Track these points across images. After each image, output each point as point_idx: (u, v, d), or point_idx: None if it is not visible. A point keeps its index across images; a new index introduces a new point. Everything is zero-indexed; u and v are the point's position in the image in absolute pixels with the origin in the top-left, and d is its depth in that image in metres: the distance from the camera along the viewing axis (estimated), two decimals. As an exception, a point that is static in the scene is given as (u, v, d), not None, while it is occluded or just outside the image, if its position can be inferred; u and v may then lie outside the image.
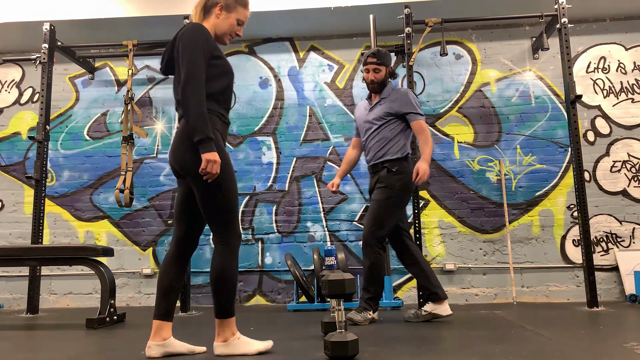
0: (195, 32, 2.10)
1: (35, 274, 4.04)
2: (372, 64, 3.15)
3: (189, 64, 2.02)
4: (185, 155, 2.04)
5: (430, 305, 3.08)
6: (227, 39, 2.31)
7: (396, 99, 3.13)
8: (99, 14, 4.51)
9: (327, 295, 2.03)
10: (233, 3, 2.22)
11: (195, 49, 2.04)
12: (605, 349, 2.12)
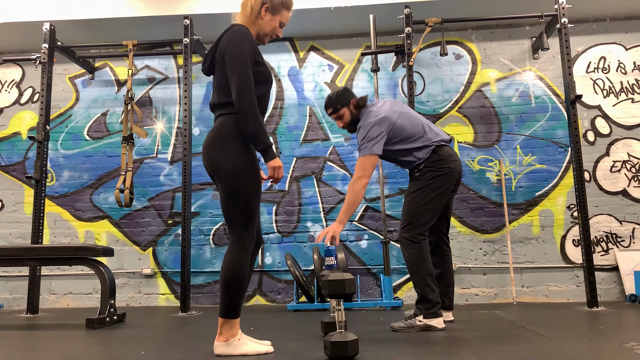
0: (244, 40, 2.13)
1: (35, 274, 4.04)
2: (331, 115, 3.03)
3: (240, 75, 2.05)
4: (216, 154, 2.08)
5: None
6: (267, 40, 2.34)
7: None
8: (99, 14, 4.51)
9: (327, 295, 2.03)
10: (278, 5, 2.27)
11: (245, 58, 2.08)
12: (605, 349, 2.12)
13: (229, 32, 2.17)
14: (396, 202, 4.56)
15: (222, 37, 2.18)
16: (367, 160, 2.81)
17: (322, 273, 2.25)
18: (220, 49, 2.15)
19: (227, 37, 2.15)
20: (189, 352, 2.22)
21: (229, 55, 2.09)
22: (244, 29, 2.17)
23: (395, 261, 4.44)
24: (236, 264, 2.05)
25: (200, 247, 4.62)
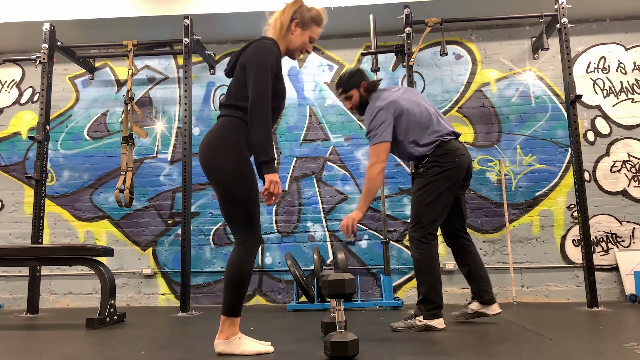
0: (268, 53, 2.12)
1: (35, 274, 4.04)
2: (341, 95, 3.03)
3: (258, 85, 2.05)
4: (212, 155, 2.10)
5: (477, 305, 2.98)
6: (297, 55, 2.33)
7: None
8: (99, 14, 4.51)
9: (327, 295, 2.03)
10: (309, 21, 2.27)
11: (267, 70, 2.07)
12: (605, 349, 2.12)
13: (256, 43, 2.17)
14: (396, 202, 4.56)
15: (249, 46, 2.19)
16: (379, 147, 2.77)
17: (322, 273, 2.25)
18: (243, 58, 2.16)
19: (253, 47, 2.15)
20: (189, 352, 2.22)
21: (251, 64, 2.09)
22: (270, 43, 2.17)
23: (395, 261, 4.44)
24: (241, 264, 2.06)
25: (200, 247, 4.62)
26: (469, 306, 3.01)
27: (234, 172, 2.07)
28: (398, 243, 4.48)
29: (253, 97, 2.04)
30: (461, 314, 3.01)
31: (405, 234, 4.48)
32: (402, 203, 4.55)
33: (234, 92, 2.16)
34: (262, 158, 2.02)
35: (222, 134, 2.12)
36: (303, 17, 2.24)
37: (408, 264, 4.42)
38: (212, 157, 2.11)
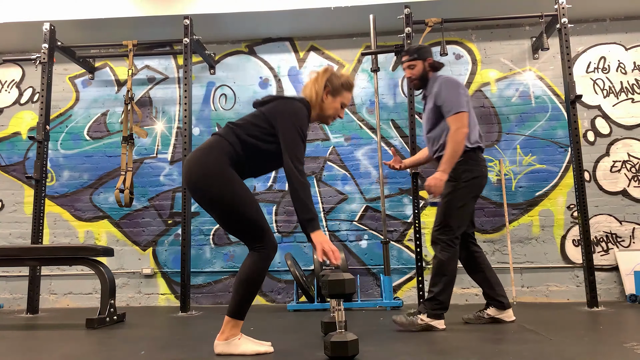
0: (301, 117, 2.16)
1: (35, 274, 4.04)
2: (405, 61, 3.02)
3: (295, 146, 2.10)
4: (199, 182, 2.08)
5: (493, 311, 2.98)
6: (330, 121, 2.39)
7: (433, 93, 2.91)
8: (99, 14, 4.51)
9: (327, 295, 2.03)
10: (339, 88, 2.32)
11: (302, 131, 2.14)
12: (605, 349, 2.12)
13: (291, 101, 2.21)
14: (396, 202, 4.56)
15: (287, 98, 2.23)
16: (462, 115, 2.79)
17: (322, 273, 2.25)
18: (274, 109, 2.18)
19: (287, 106, 2.18)
20: (189, 352, 2.22)
21: (282, 118, 2.13)
22: (303, 107, 2.21)
23: (395, 261, 4.44)
24: (255, 269, 2.07)
25: (200, 247, 4.62)
26: (485, 311, 2.99)
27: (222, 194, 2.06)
28: (398, 243, 4.48)
29: (290, 157, 2.08)
30: (476, 318, 2.99)
31: (405, 234, 4.48)
32: (402, 203, 4.55)
33: (241, 122, 2.19)
34: (304, 216, 2.05)
35: (208, 153, 2.12)
36: (333, 84, 2.31)
37: (408, 264, 4.42)
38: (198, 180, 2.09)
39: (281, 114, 2.15)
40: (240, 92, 4.88)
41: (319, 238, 2.00)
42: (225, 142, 2.13)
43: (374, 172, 4.61)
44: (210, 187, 2.07)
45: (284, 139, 2.11)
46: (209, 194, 2.08)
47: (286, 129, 2.12)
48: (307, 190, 2.06)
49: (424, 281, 3.74)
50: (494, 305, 2.98)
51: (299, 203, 2.06)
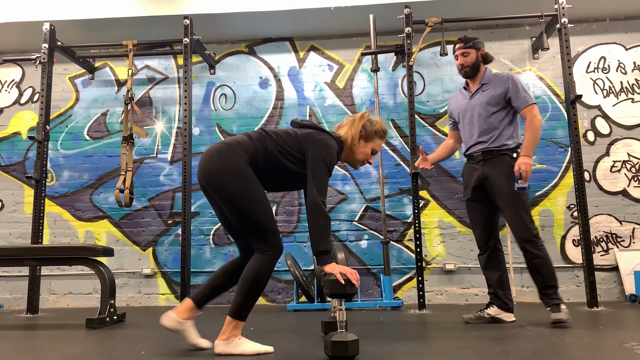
0: (332, 150, 2.19)
1: (35, 274, 4.04)
2: (460, 48, 3.10)
3: (321, 181, 2.11)
4: (215, 171, 2.12)
5: (495, 310, 3.01)
6: (359, 165, 2.43)
7: (500, 84, 3.00)
8: (99, 14, 4.51)
9: (328, 295, 2.03)
10: (372, 134, 2.36)
11: (329, 167, 2.16)
12: (605, 349, 2.12)
13: (331, 137, 2.25)
14: (396, 202, 4.56)
15: (325, 132, 2.26)
16: (535, 105, 2.96)
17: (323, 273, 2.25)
18: (310, 137, 2.20)
19: (322, 140, 2.20)
20: (189, 352, 2.22)
21: (320, 158, 2.14)
22: (335, 145, 2.24)
23: (395, 261, 4.44)
24: (260, 271, 2.07)
25: (200, 247, 4.62)
26: (485, 310, 3.01)
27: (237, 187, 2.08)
28: (398, 243, 4.48)
29: (316, 189, 2.09)
30: (476, 318, 3.00)
31: (405, 234, 4.48)
32: (402, 203, 4.55)
33: (273, 134, 2.21)
34: (322, 247, 2.04)
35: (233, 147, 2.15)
36: (367, 130, 2.34)
37: (408, 264, 4.42)
38: (215, 175, 2.13)
39: (315, 144, 2.17)
40: (240, 92, 4.88)
41: (335, 269, 2.00)
42: (251, 144, 2.15)
43: (374, 172, 4.61)
44: (225, 180, 2.09)
45: (312, 169, 2.13)
46: (223, 185, 2.09)
47: (316, 160, 2.14)
48: (328, 224, 2.07)
49: (424, 281, 3.74)
50: (497, 305, 3.00)
51: (318, 236, 2.04)
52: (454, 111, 3.25)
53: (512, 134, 3.00)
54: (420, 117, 4.65)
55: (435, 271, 4.43)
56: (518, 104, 2.96)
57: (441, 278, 4.42)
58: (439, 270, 4.42)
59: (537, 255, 2.88)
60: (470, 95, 3.12)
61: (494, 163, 2.95)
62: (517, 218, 2.87)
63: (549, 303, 2.88)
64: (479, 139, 3.01)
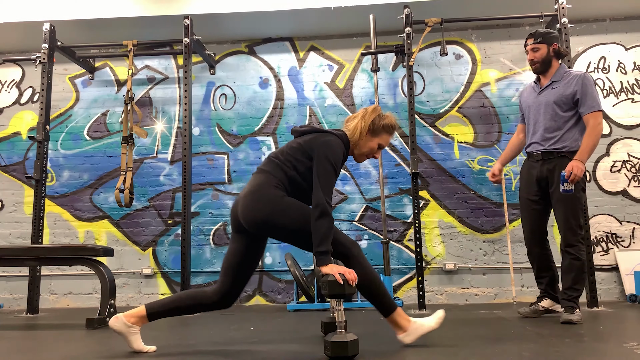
0: (337, 148, 2.19)
1: (35, 274, 4.04)
2: (530, 44, 3.09)
3: (327, 181, 2.12)
4: (259, 212, 2.12)
5: (549, 302, 3.16)
6: (363, 159, 2.41)
7: (571, 83, 2.97)
8: (99, 14, 4.51)
9: (327, 295, 2.03)
10: (379, 129, 2.33)
11: (336, 167, 2.16)
12: (605, 349, 2.12)
13: (333, 135, 2.24)
14: (396, 202, 4.55)
15: (329, 132, 2.26)
16: (601, 113, 2.93)
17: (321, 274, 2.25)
18: (313, 144, 2.20)
19: (333, 141, 2.20)
20: (189, 352, 2.22)
21: (324, 159, 2.15)
22: (341, 143, 2.24)
23: (395, 261, 4.44)
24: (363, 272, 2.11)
25: (200, 247, 4.62)
26: (539, 304, 3.17)
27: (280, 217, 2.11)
28: (398, 243, 4.48)
29: (321, 189, 2.09)
30: (532, 311, 3.15)
31: (405, 234, 4.48)
32: (402, 203, 4.55)
33: (283, 157, 2.23)
34: (321, 248, 2.05)
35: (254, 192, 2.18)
36: (375, 124, 2.31)
37: (408, 264, 4.42)
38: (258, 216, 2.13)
39: (319, 146, 2.17)
40: (240, 92, 4.88)
41: (333, 269, 2.02)
42: (274, 178, 2.19)
43: (374, 172, 4.61)
44: (276, 218, 2.11)
45: (317, 170, 2.13)
46: (277, 223, 2.11)
47: (320, 161, 2.14)
48: (331, 226, 2.07)
49: (424, 281, 3.74)
50: (551, 297, 3.16)
51: (319, 236, 2.05)
52: (523, 104, 3.27)
53: (575, 137, 2.97)
54: (420, 117, 4.65)
55: (435, 271, 4.43)
56: (584, 108, 2.93)
57: (441, 278, 4.42)
58: (439, 270, 4.42)
59: (577, 257, 2.94)
60: (540, 90, 3.11)
61: (553, 164, 2.97)
62: (566, 223, 2.94)
63: (565, 304, 2.91)
64: (541, 137, 3.02)
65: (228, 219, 4.63)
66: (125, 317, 2.14)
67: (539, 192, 3.06)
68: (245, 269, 2.26)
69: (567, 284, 2.95)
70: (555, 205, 2.99)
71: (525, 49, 3.17)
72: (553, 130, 2.98)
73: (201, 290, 2.26)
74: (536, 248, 3.12)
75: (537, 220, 3.10)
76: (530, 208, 3.11)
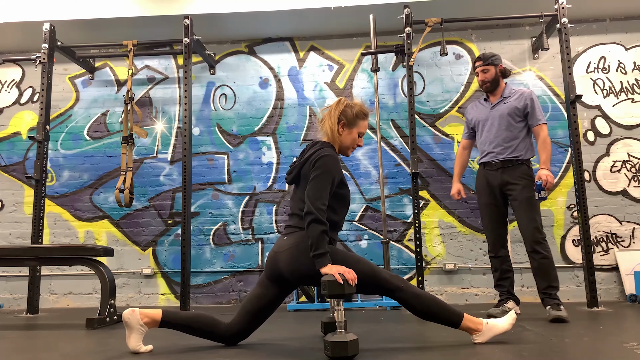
0: (333, 163, 2.23)
1: (35, 274, 4.05)
2: (480, 66, 3.38)
3: (315, 188, 2.16)
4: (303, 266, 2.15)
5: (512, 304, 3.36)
6: (350, 152, 2.45)
7: (522, 98, 3.29)
8: (99, 14, 4.51)
9: (327, 295, 2.03)
10: (353, 119, 2.37)
11: (330, 178, 2.19)
12: (605, 349, 2.12)
13: (318, 151, 2.26)
14: (396, 202, 4.55)
15: (310, 154, 2.27)
16: (546, 126, 3.30)
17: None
18: (307, 166, 2.25)
19: (316, 156, 2.24)
20: (189, 352, 2.22)
21: (315, 170, 2.19)
22: (331, 151, 2.27)
23: (395, 261, 4.44)
24: (415, 304, 2.15)
25: (200, 247, 4.62)
26: (506, 305, 3.34)
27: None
28: (398, 243, 4.48)
29: (312, 197, 2.13)
30: (502, 312, 3.27)
31: (405, 234, 4.48)
32: (402, 203, 4.55)
33: (299, 202, 2.26)
34: (320, 250, 2.08)
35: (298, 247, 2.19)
36: (347, 116, 2.35)
37: (408, 264, 4.42)
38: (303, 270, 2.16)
39: (313, 166, 2.22)
40: (240, 92, 4.88)
41: (332, 270, 2.04)
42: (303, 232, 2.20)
43: (374, 172, 4.61)
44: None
45: (310, 180, 2.19)
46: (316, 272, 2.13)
47: (312, 172, 2.20)
48: (322, 230, 2.09)
49: (424, 281, 3.74)
50: (513, 299, 3.38)
51: (313, 241, 2.09)
52: (473, 119, 3.50)
53: (527, 147, 3.30)
54: (420, 117, 4.65)
55: (435, 271, 4.44)
56: (533, 121, 3.27)
57: (441, 278, 4.42)
58: (439, 270, 4.42)
59: (545, 256, 3.12)
60: (492, 106, 3.39)
61: (512, 171, 3.25)
62: (532, 222, 3.14)
63: (550, 302, 3.06)
64: (499, 147, 3.28)
65: (228, 218, 4.64)
66: (141, 315, 2.15)
67: (501, 198, 3.33)
68: (266, 313, 2.31)
69: (545, 283, 3.13)
70: (518, 208, 3.20)
71: (474, 71, 3.45)
72: (510, 140, 3.27)
73: (218, 321, 2.31)
74: (502, 251, 3.35)
75: (501, 224, 3.36)
76: (494, 213, 3.34)
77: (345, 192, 2.33)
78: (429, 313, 2.18)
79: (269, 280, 2.30)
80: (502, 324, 2.25)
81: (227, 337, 2.30)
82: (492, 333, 2.23)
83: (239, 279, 4.56)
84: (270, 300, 2.29)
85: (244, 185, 4.69)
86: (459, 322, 2.20)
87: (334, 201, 2.26)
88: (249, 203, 4.67)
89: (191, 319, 2.28)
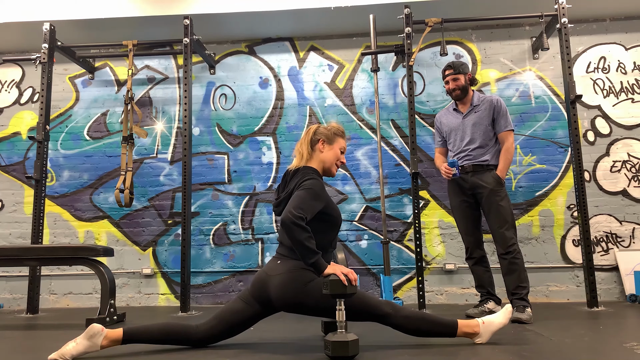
0: (320, 185, 2.28)
1: (35, 274, 4.05)
2: (450, 75, 3.45)
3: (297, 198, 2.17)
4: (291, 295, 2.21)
5: (493, 304, 3.43)
6: (335, 170, 2.48)
7: (491, 106, 3.38)
8: (99, 14, 4.51)
9: (329, 294, 2.03)
10: (332, 135, 2.45)
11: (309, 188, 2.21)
12: (605, 349, 2.12)
13: (304, 182, 2.28)
14: (396, 202, 4.55)
15: (297, 181, 2.30)
16: (513, 133, 3.38)
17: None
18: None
19: (302, 179, 2.28)
20: (189, 352, 2.22)
21: (301, 188, 2.22)
22: (315, 176, 2.32)
23: (395, 261, 4.44)
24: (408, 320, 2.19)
25: (200, 247, 4.62)
26: (485, 305, 3.41)
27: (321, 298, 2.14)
28: (398, 243, 4.48)
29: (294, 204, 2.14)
30: (480, 312, 3.32)
31: (405, 234, 4.48)
32: (402, 203, 4.55)
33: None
34: (305, 261, 2.11)
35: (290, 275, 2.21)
36: (325, 134, 2.44)
37: (408, 264, 4.42)
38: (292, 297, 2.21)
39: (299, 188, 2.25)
40: (240, 92, 4.88)
41: (335, 269, 2.05)
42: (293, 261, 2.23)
43: (374, 172, 4.61)
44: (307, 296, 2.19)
45: (291, 197, 2.21)
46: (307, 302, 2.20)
47: (296, 193, 2.23)
48: (304, 236, 2.09)
49: (424, 281, 3.74)
50: (494, 300, 3.44)
51: (299, 248, 2.12)
52: (445, 127, 3.57)
53: (496, 153, 3.37)
54: (420, 117, 4.65)
55: (435, 271, 4.44)
56: (499, 127, 3.36)
57: (441, 278, 4.42)
58: (439, 270, 4.42)
59: (515, 257, 3.20)
60: (463, 115, 3.47)
61: (482, 175, 3.32)
62: (505, 223, 3.22)
63: (518, 303, 3.12)
64: (471, 153, 3.37)
65: (228, 218, 4.64)
66: (104, 339, 2.12)
67: (472, 199, 3.41)
68: (242, 328, 2.33)
69: (514, 284, 3.19)
70: (489, 209, 3.28)
71: (444, 79, 3.51)
72: (482, 147, 3.36)
73: (190, 327, 2.31)
74: (478, 251, 3.43)
75: (476, 224, 3.44)
76: (468, 214, 3.43)
77: (333, 213, 2.33)
78: (422, 331, 2.21)
79: (253, 299, 2.30)
80: (499, 320, 2.27)
81: (201, 340, 2.29)
82: (490, 331, 2.24)
83: (239, 279, 4.56)
84: (250, 317, 2.31)
85: (244, 185, 4.69)
86: (454, 332, 2.22)
87: (322, 223, 2.26)
88: (249, 203, 4.67)
89: (168, 331, 2.29)
